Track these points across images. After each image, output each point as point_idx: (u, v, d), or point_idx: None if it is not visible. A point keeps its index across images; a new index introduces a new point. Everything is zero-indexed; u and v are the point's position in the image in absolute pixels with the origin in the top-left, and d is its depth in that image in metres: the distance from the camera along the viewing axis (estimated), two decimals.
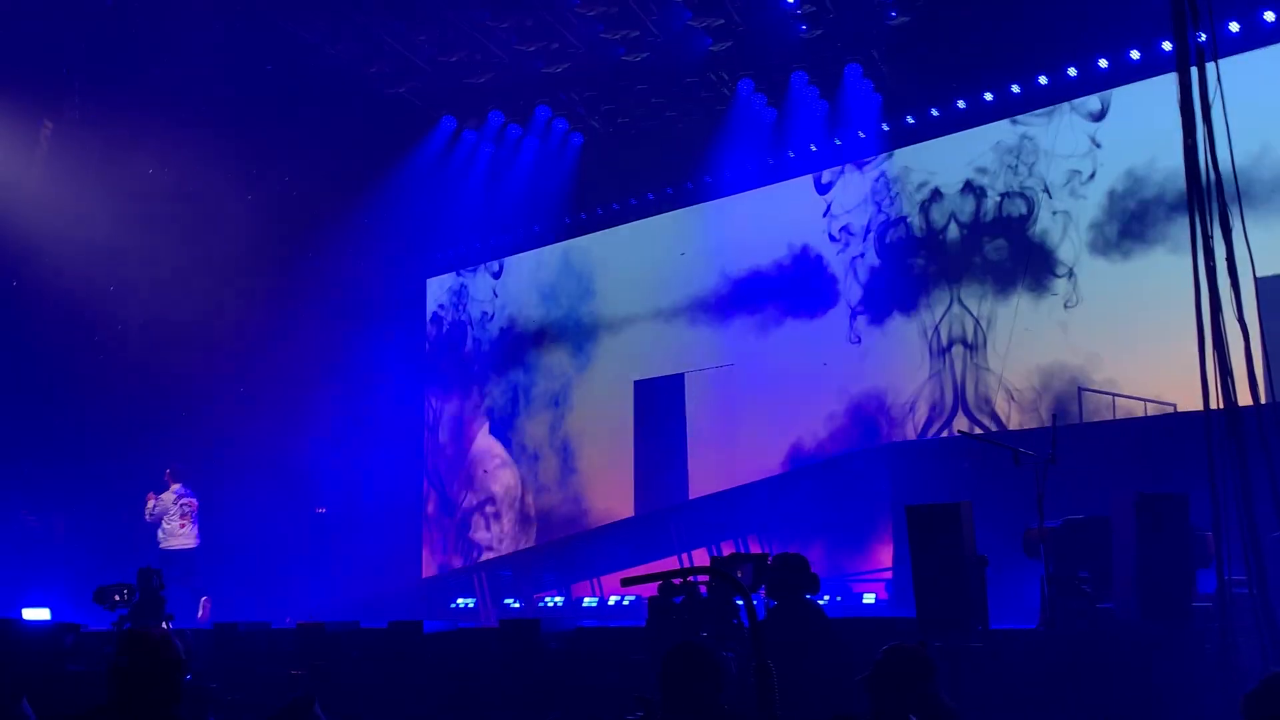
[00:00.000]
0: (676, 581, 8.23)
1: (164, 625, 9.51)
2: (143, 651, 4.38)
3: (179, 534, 14.98)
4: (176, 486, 15.09)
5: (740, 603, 7.95)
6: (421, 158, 18.53)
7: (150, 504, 14.96)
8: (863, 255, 16.14)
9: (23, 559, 16.20)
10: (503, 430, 20.19)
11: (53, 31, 15.24)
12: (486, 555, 18.90)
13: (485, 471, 20.09)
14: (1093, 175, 14.18)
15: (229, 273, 17.80)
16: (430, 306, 21.67)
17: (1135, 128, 13.79)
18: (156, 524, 15.02)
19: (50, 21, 15.08)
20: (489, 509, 19.83)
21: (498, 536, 19.42)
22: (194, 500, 15.14)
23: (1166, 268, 13.04)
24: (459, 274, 21.23)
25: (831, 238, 16.46)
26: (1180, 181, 7.28)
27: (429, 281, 21.66)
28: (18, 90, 15.64)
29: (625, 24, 15.52)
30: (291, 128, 17.13)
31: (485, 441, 20.36)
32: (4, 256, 15.83)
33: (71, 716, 4.46)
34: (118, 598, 9.93)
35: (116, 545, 15.10)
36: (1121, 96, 14.11)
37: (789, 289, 16.77)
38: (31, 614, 13.13)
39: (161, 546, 14.91)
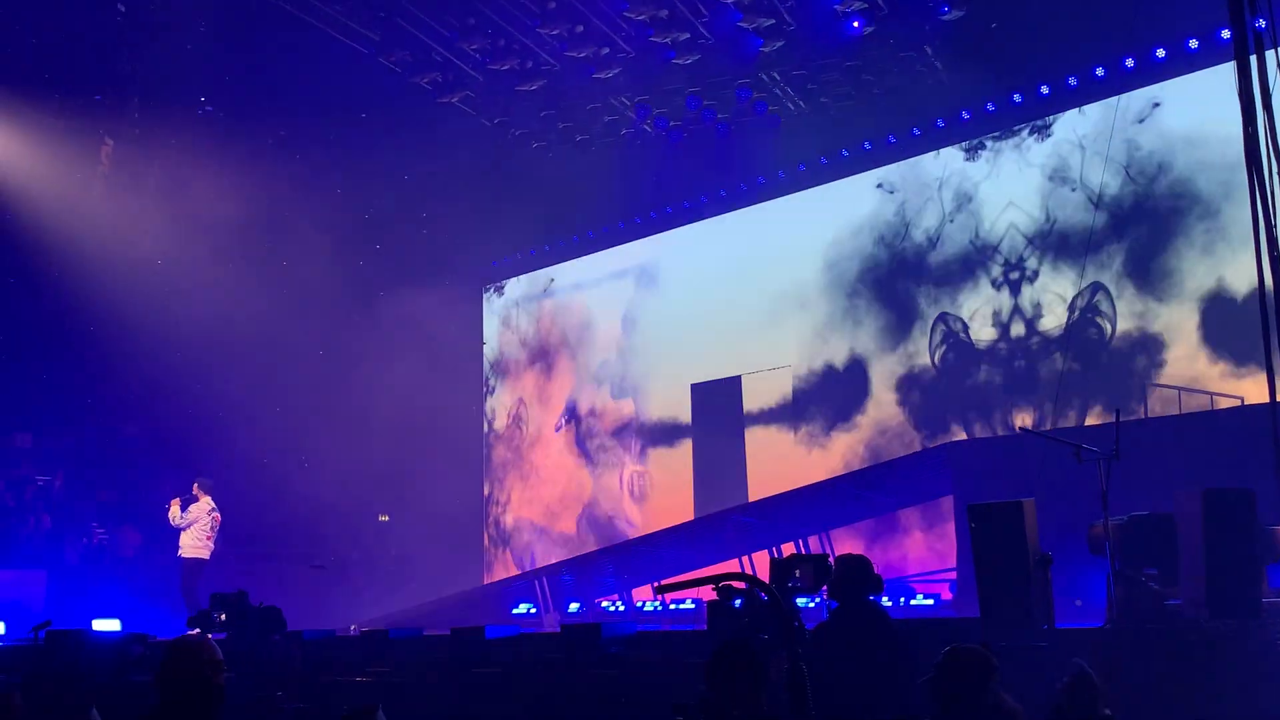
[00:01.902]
0: (738, 585, 8.20)
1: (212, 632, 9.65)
2: (183, 656, 4.46)
3: (203, 545, 14.99)
4: (208, 499, 15.10)
5: (801, 605, 7.92)
6: (474, 166, 18.60)
7: (175, 510, 14.91)
8: (926, 255, 16.06)
9: (94, 571, 16.47)
10: (562, 435, 20.24)
11: (110, 50, 15.50)
12: (547, 560, 18.93)
13: (545, 477, 20.15)
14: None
15: (285, 284, 18.01)
16: (488, 312, 21.78)
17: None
18: (180, 530, 15.01)
19: (108, 40, 15.34)
20: (548, 513, 19.89)
21: (558, 541, 19.47)
22: (219, 515, 15.18)
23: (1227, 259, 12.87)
24: (515, 279, 21.32)
25: (892, 237, 16.38)
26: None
27: (485, 287, 21.76)
28: (79, 108, 15.92)
29: (675, 27, 15.50)
30: (346, 140, 17.32)
31: (545, 446, 20.42)
32: (67, 272, 16.10)
33: None
34: (222, 617, 10.14)
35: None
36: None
37: (847, 289, 16.69)
38: (101, 625, 13.34)
39: (182, 555, 14.91)
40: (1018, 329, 15.06)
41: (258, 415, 17.73)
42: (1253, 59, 6.94)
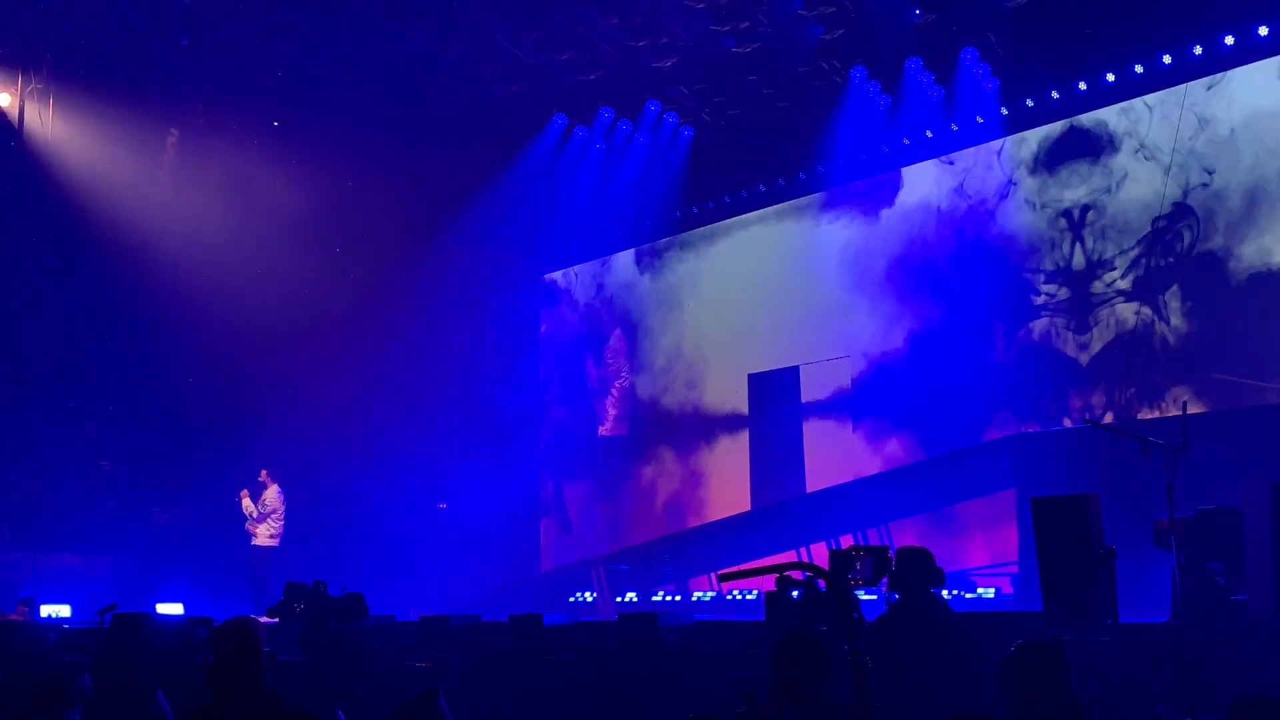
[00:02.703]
0: (798, 575, 8.17)
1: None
2: (227, 636, 4.59)
3: (275, 534, 15.24)
4: (275, 486, 15.33)
5: (861, 597, 7.88)
6: (533, 157, 18.66)
7: (247, 502, 15.16)
8: (981, 242, 15.92)
9: (157, 554, 16.71)
10: (617, 425, 20.28)
11: (174, 42, 15.69)
12: (605, 550, 18.98)
13: (602, 466, 20.20)
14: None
15: (348, 274, 18.18)
16: (545, 303, 21.85)
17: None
18: (260, 520, 15.24)
19: (173, 31, 15.52)
20: (607, 503, 19.94)
21: (616, 529, 19.50)
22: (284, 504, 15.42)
23: None
24: (572, 270, 21.37)
25: (949, 229, 16.25)
26: None
27: (543, 278, 21.83)
28: (144, 100, 16.13)
29: (735, 15, 15.45)
30: (405, 131, 17.43)
31: (600, 436, 20.46)
32: (134, 261, 16.32)
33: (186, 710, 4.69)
34: (300, 606, 10.26)
35: (242, 541, 15.47)
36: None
37: (906, 279, 16.58)
38: (165, 609, 13.52)
39: (255, 544, 15.17)
40: (1083, 320, 14.87)
41: (319, 403, 17.89)
42: None
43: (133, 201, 16.33)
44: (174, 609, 13.85)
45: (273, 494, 15.30)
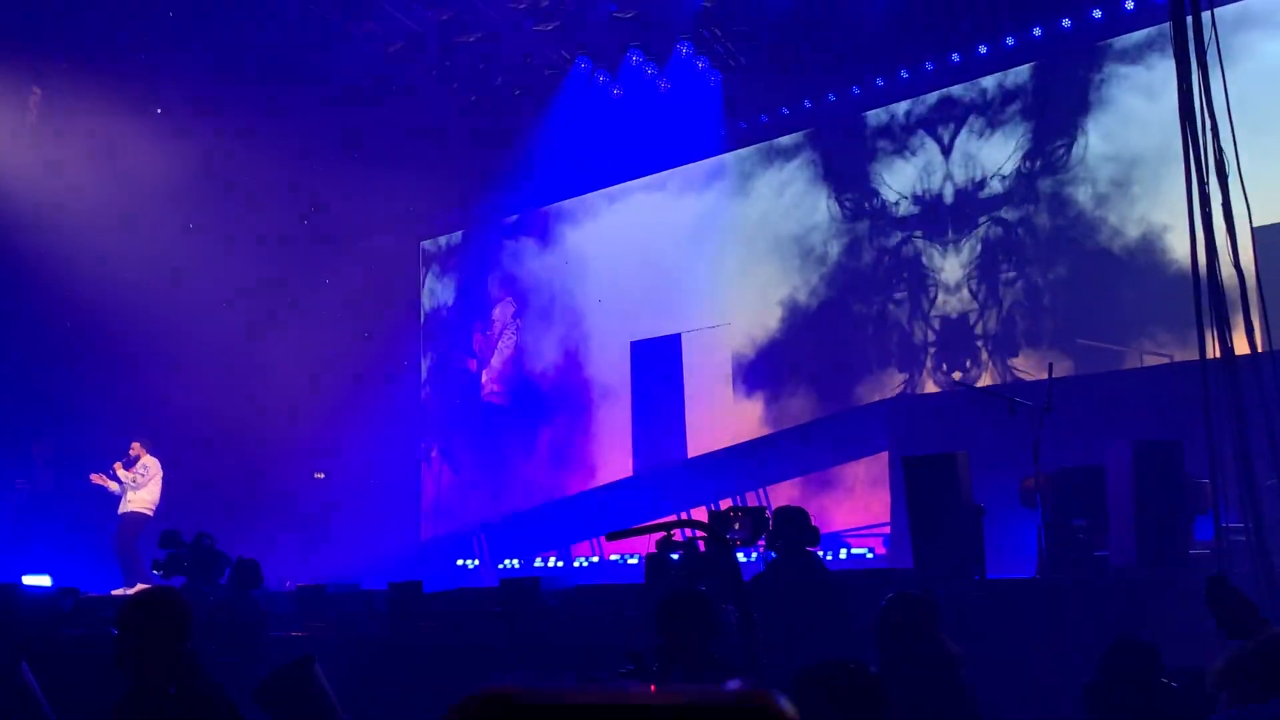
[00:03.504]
0: (677, 537, 8.27)
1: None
2: (140, 604, 4.39)
3: (150, 503, 14.75)
4: (150, 458, 14.82)
5: (739, 558, 7.98)
6: (412, 120, 18.39)
7: (121, 472, 14.64)
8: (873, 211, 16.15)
9: (24, 526, 16.24)
10: (499, 391, 20.20)
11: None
12: (486, 517, 18.93)
13: (484, 433, 20.11)
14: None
15: (221, 240, 17.76)
16: (427, 267, 21.63)
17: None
18: (139, 486, 14.79)
19: None
20: (489, 470, 19.86)
21: (498, 496, 19.45)
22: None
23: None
24: (455, 235, 21.18)
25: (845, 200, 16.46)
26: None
27: (423, 244, 21.60)
28: (4, 54, 15.53)
29: None
30: (280, 94, 17.04)
31: (483, 403, 20.36)
32: None
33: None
34: (186, 564, 10.11)
35: (112, 508, 15.08)
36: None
37: (784, 249, 16.74)
38: (32, 580, 13.15)
39: (127, 509, 14.62)
40: (954, 286, 15.19)
41: (190, 370, 17.49)
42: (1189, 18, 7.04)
43: None
44: (41, 580, 13.48)
45: (152, 463, 14.89)
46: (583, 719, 1.13)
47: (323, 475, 19.39)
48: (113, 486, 14.54)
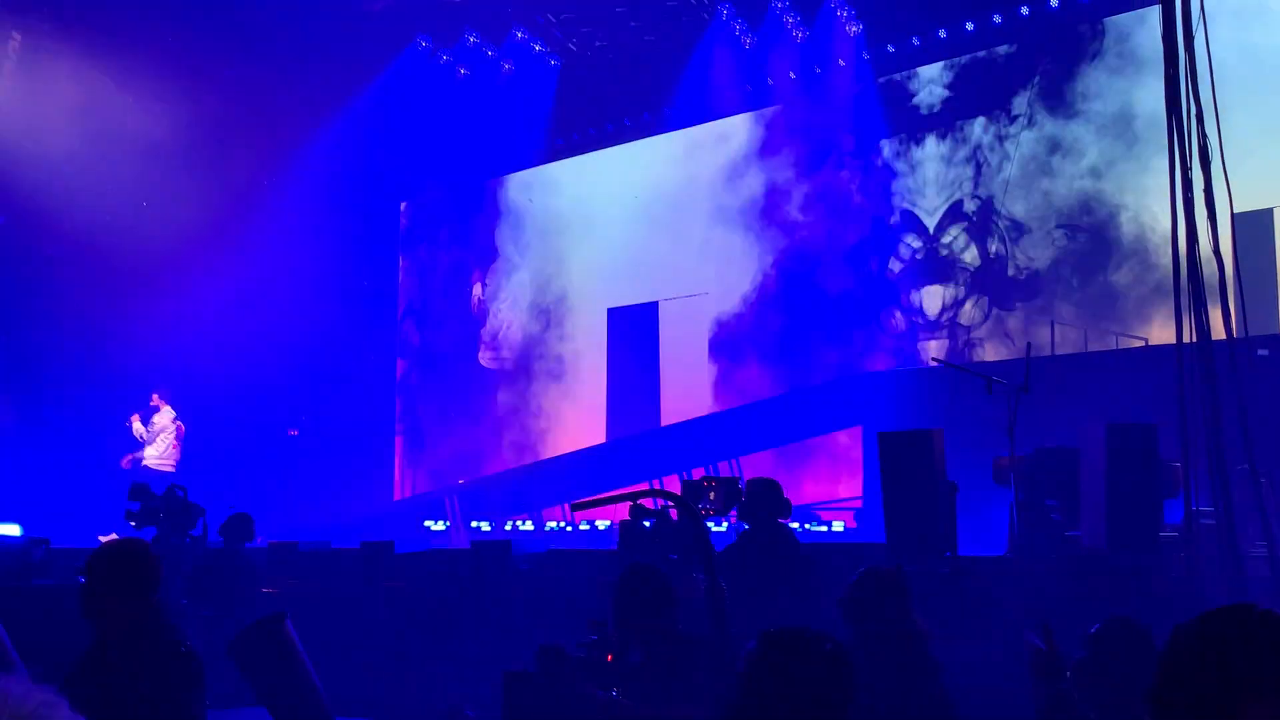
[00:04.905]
0: (650, 505, 8.27)
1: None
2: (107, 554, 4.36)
3: (169, 458, 14.95)
4: (169, 409, 15.05)
5: (711, 529, 8.01)
6: (396, 79, 18.25)
7: (138, 425, 14.86)
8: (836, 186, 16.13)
9: None
10: (472, 356, 20.16)
11: None
12: (458, 478, 18.91)
13: (458, 396, 20.06)
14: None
15: (203, 196, 17.57)
16: (404, 228, 21.51)
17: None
18: (143, 444, 14.93)
19: None
20: (462, 432, 19.82)
21: (471, 459, 19.42)
22: (183, 425, 15.14)
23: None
24: (435, 196, 21.04)
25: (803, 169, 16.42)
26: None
27: (402, 203, 21.48)
28: None
29: None
30: (264, 42, 16.85)
31: (459, 367, 20.31)
32: None
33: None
34: (161, 514, 10.10)
35: (86, 460, 15.02)
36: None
37: (765, 218, 16.71)
38: (1, 529, 13.08)
39: (146, 465, 14.83)
40: (933, 263, 15.22)
41: (170, 323, 17.35)
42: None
43: None
44: (11, 530, 13.40)
45: (160, 417, 14.98)
46: None
47: (296, 433, 19.29)
48: (136, 430, 14.70)
